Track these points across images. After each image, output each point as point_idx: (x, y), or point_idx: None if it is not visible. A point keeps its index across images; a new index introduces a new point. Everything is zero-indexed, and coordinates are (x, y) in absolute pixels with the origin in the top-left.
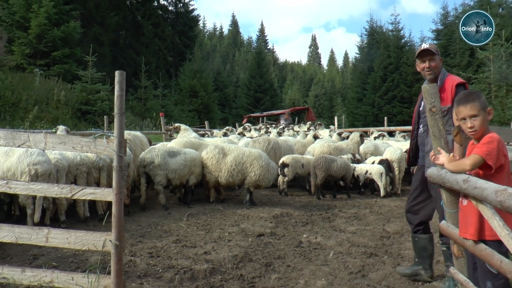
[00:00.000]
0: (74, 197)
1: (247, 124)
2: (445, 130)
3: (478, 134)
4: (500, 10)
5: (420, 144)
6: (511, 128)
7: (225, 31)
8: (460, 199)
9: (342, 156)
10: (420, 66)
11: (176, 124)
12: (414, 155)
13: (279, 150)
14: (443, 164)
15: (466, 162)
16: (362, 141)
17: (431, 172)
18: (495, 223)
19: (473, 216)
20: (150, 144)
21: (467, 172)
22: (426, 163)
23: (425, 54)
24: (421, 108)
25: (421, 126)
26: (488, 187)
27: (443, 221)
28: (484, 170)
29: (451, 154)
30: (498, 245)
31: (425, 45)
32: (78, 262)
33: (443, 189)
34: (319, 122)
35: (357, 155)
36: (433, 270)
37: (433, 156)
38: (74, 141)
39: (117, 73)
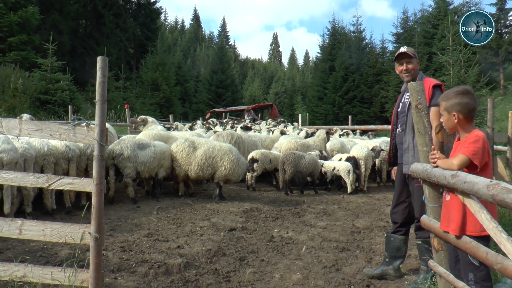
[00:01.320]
0: (51, 187)
1: (211, 120)
2: (430, 126)
3: (449, 131)
4: (456, 17)
5: (398, 143)
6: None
7: (187, 25)
8: (444, 193)
9: (310, 152)
10: (398, 68)
11: (143, 117)
12: (394, 155)
13: (243, 144)
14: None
15: (453, 162)
16: (328, 139)
17: (415, 167)
18: (483, 217)
19: (457, 213)
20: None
21: None
22: (403, 160)
23: (403, 57)
24: (399, 109)
25: (399, 125)
26: (479, 181)
27: (424, 215)
28: (470, 169)
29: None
30: (479, 240)
31: (402, 49)
32: (47, 257)
33: (426, 184)
34: (282, 119)
35: (324, 152)
36: (401, 271)
37: (433, 159)
38: (52, 128)
39: (99, 59)
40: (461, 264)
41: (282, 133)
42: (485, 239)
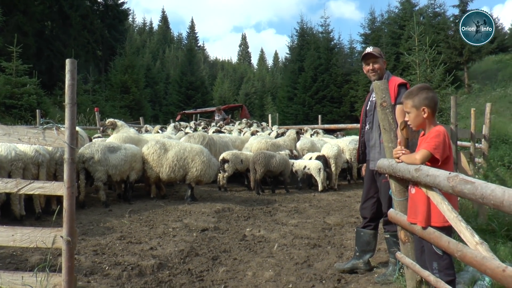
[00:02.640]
0: (21, 192)
1: (177, 123)
2: (394, 123)
3: (416, 128)
4: (421, 18)
5: (367, 141)
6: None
7: (155, 26)
8: (409, 187)
9: (280, 152)
10: (365, 68)
11: (111, 120)
12: (363, 152)
13: (214, 146)
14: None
15: (416, 157)
16: (298, 138)
17: (381, 163)
18: (444, 207)
19: (422, 205)
20: (90, 141)
21: None
22: (370, 157)
23: (369, 57)
24: (367, 107)
25: (367, 123)
26: (440, 174)
27: (391, 209)
28: (432, 163)
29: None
30: (443, 231)
31: (368, 49)
32: (16, 263)
33: (392, 179)
34: (254, 121)
35: (294, 151)
36: (371, 264)
37: (398, 154)
38: (20, 132)
39: (68, 61)
40: (426, 254)
41: (253, 134)
42: (449, 230)
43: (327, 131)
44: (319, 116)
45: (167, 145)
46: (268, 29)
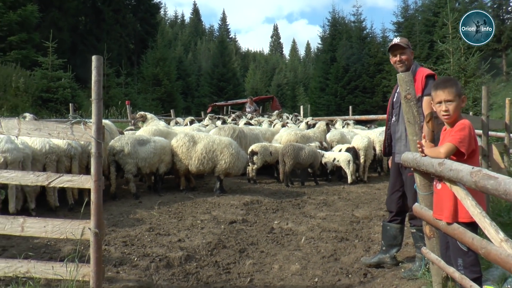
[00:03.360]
0: (51, 185)
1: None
2: (419, 116)
3: (451, 119)
4: (457, 4)
5: (393, 133)
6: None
7: (187, 19)
8: (434, 183)
9: (309, 144)
10: (392, 59)
11: (142, 113)
12: (389, 145)
13: (245, 138)
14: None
15: (440, 150)
16: (328, 130)
17: (405, 156)
18: (468, 203)
19: (449, 200)
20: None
21: None
22: (396, 150)
23: (396, 48)
24: (394, 99)
25: (393, 115)
26: (463, 168)
27: (416, 203)
28: (458, 156)
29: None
30: (471, 226)
31: (395, 40)
32: (50, 253)
33: (417, 173)
34: (286, 114)
35: (324, 143)
36: (397, 259)
37: (420, 149)
38: (50, 128)
39: (94, 58)
40: (451, 250)
41: (284, 126)
42: (475, 225)
43: (360, 122)
44: (350, 107)
45: (196, 138)
46: (300, 19)
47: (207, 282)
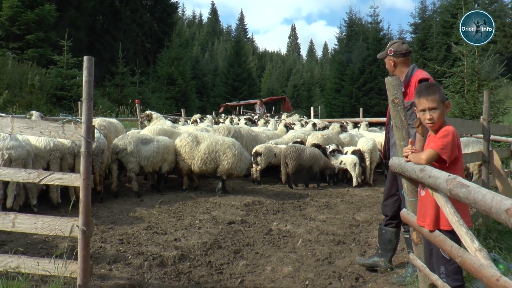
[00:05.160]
0: (42, 182)
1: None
2: (406, 121)
3: (436, 126)
4: (476, 6)
5: (390, 137)
6: (481, 121)
7: (205, 19)
8: (419, 189)
9: (329, 145)
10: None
11: (147, 112)
12: (388, 148)
13: (241, 139)
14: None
15: (422, 156)
16: (341, 132)
17: (392, 162)
18: (447, 210)
19: (431, 207)
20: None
21: None
22: (391, 154)
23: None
24: None
25: (391, 120)
26: (441, 176)
27: (404, 209)
28: (440, 163)
29: (414, 146)
30: (452, 234)
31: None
32: (47, 248)
33: (404, 178)
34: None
35: (339, 146)
36: (392, 264)
37: (407, 153)
38: (42, 126)
39: (85, 58)
40: (434, 257)
41: (286, 126)
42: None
43: (374, 124)
44: (361, 109)
45: (199, 138)
46: (319, 20)
47: (198, 282)
